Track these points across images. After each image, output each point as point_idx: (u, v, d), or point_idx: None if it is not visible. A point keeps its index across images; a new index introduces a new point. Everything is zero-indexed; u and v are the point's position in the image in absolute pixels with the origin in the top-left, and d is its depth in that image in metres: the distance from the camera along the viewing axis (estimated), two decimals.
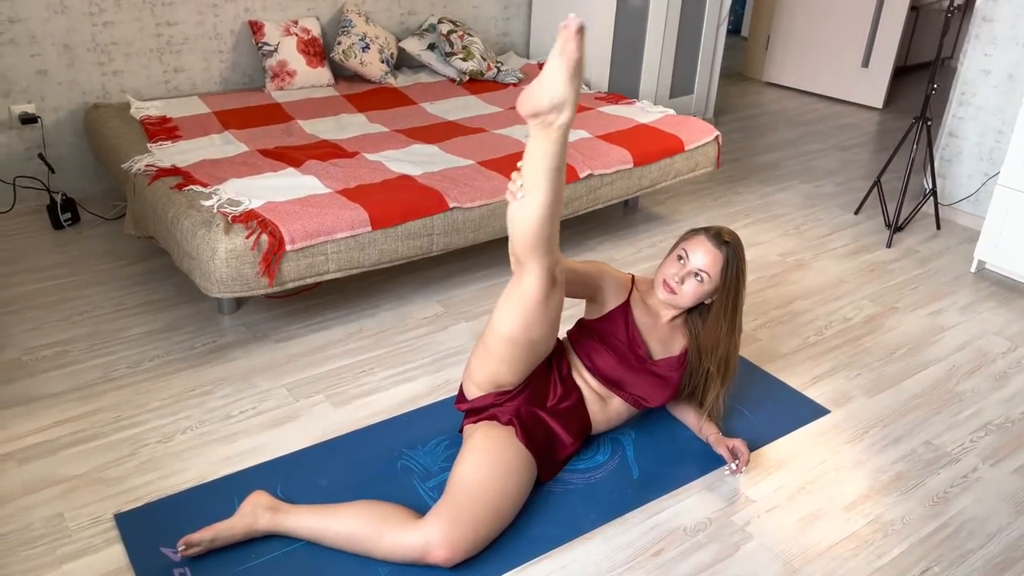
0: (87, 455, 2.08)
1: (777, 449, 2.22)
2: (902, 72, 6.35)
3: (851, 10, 5.39)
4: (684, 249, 2.04)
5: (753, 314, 2.88)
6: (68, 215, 3.22)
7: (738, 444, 2.09)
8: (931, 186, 3.62)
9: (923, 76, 6.39)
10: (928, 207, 3.78)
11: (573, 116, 1.68)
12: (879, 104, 5.48)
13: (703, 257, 2.01)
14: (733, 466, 2.07)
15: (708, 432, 2.18)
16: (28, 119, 3.21)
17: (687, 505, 2.02)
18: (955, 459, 2.22)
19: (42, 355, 2.47)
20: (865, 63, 5.45)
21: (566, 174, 2.91)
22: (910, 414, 2.39)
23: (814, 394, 2.46)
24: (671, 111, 3.55)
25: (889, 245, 3.45)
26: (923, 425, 2.35)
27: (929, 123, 3.48)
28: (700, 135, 3.36)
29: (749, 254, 3.33)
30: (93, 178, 3.48)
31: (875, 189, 3.77)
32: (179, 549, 1.76)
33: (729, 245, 2.01)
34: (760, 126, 5.04)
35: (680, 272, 2.02)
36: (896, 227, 3.50)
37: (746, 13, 7.31)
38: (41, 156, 3.28)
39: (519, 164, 1.78)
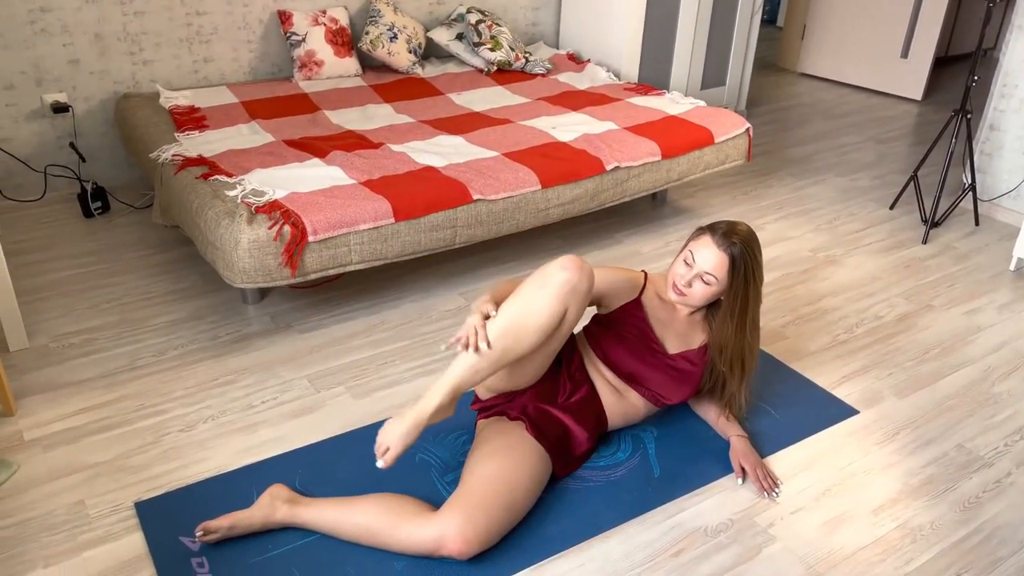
0: (111, 443, 2.10)
1: (803, 450, 2.18)
2: (943, 63, 6.19)
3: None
4: (691, 250, 1.98)
5: (781, 311, 2.82)
6: (98, 204, 3.25)
7: (749, 466, 2.05)
8: (970, 181, 3.52)
9: (964, 67, 6.22)
10: (967, 202, 3.67)
11: (428, 410, 1.79)
12: (918, 96, 5.35)
13: (709, 260, 1.94)
14: (739, 482, 2.03)
15: (729, 432, 2.14)
16: (60, 108, 3.24)
17: (709, 505, 1.98)
18: (988, 463, 2.15)
19: (70, 342, 2.50)
20: (904, 54, 5.32)
21: (593, 166, 2.89)
22: (943, 416, 2.33)
23: (843, 394, 2.41)
24: (701, 103, 3.49)
25: (925, 241, 3.37)
26: (956, 428, 2.28)
27: (969, 116, 3.38)
28: (731, 127, 3.30)
29: (779, 249, 3.26)
30: (123, 167, 3.51)
31: (912, 183, 3.67)
32: (197, 535, 1.77)
33: (737, 245, 1.93)
34: (794, 118, 4.95)
35: (687, 275, 1.97)
36: (933, 223, 3.41)
37: (782, 2, 7.18)
38: (72, 145, 3.32)
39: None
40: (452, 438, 2.14)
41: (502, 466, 1.84)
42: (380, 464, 1.76)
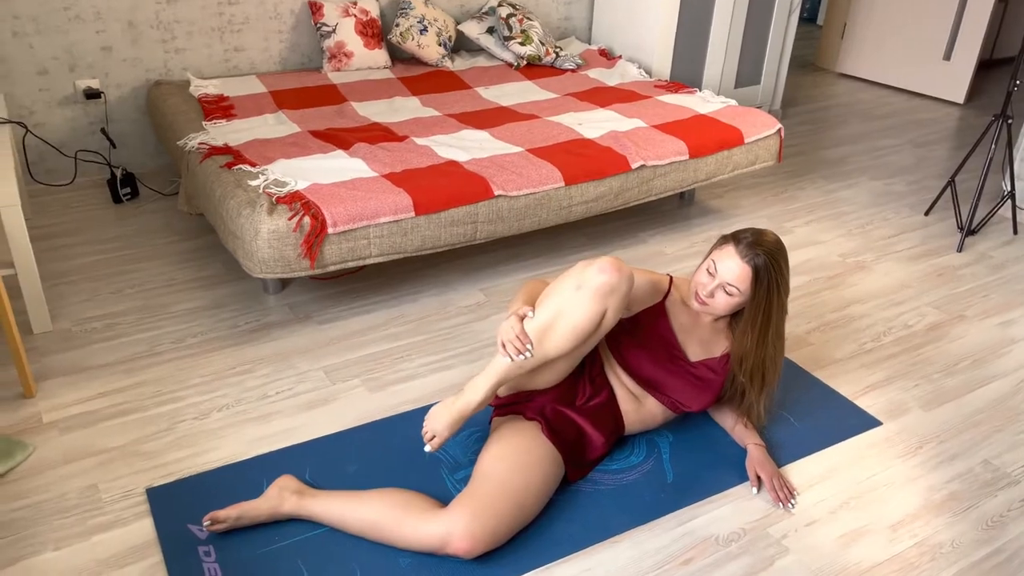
0: (126, 428, 2.12)
1: (822, 460, 2.13)
2: (987, 66, 6.03)
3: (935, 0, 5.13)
4: (713, 260, 1.93)
5: (807, 317, 2.76)
6: (127, 190, 3.29)
7: (766, 476, 2.00)
8: (1009, 188, 3.42)
9: (1010, 71, 6.05)
10: (1005, 210, 3.57)
11: (473, 402, 1.84)
12: (960, 99, 5.21)
13: (732, 270, 1.89)
14: (754, 491, 1.99)
15: (746, 439, 2.10)
16: (92, 94, 3.28)
17: (722, 513, 1.94)
18: (1015, 481, 2.08)
19: (92, 327, 2.53)
20: (947, 56, 5.18)
21: (618, 164, 2.85)
22: (970, 431, 2.26)
23: (866, 404, 2.35)
24: (732, 102, 3.43)
25: (960, 249, 3.27)
26: (983, 443, 2.21)
27: (1010, 121, 3.28)
28: (761, 127, 3.23)
29: (808, 253, 3.20)
30: (153, 154, 3.55)
31: (948, 189, 3.58)
32: (205, 524, 1.77)
33: (762, 256, 1.87)
34: (830, 119, 4.85)
35: (710, 285, 1.93)
36: (969, 230, 3.31)
37: (823, 0, 7.04)
38: (104, 131, 3.35)
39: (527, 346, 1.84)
40: (464, 435, 2.13)
41: (514, 466, 1.82)
42: (428, 449, 1.86)
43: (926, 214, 3.59)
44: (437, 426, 1.84)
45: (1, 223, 2.31)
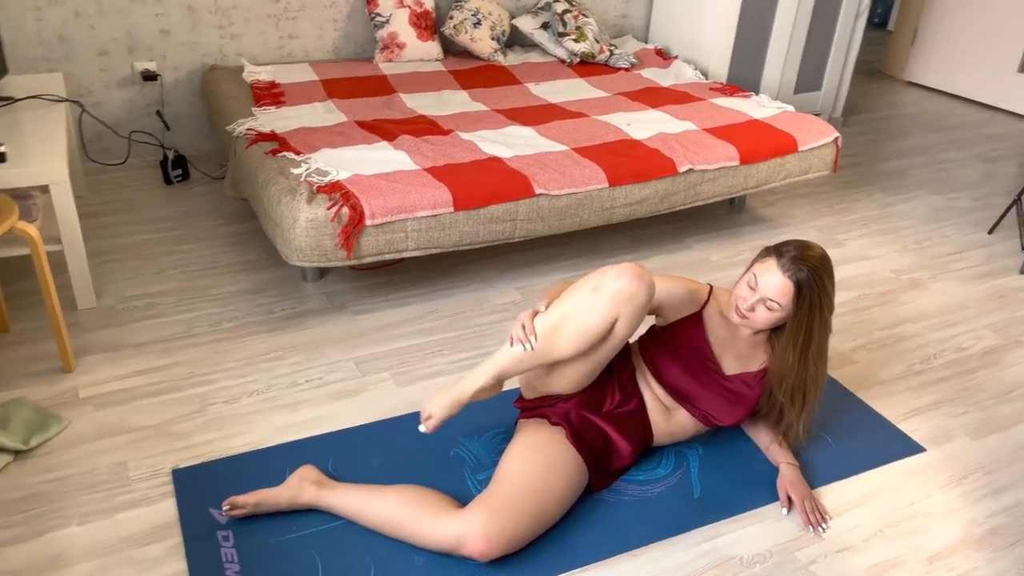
0: (159, 407, 2.15)
1: (859, 484, 2.04)
2: None
3: (1012, 8, 4.91)
4: (754, 273, 1.85)
5: (853, 333, 2.67)
6: (178, 172, 3.34)
7: (797, 497, 1.93)
8: None
9: None
10: None
11: (459, 398, 1.82)
12: None
13: (773, 285, 1.81)
14: (784, 512, 1.92)
15: (780, 458, 2.03)
16: (149, 76, 3.34)
17: (748, 533, 1.88)
18: None
19: (134, 305, 2.57)
20: (1023, 68, 4.96)
21: (665, 167, 2.79)
22: (1019, 463, 2.15)
23: (910, 428, 2.25)
24: (789, 107, 3.33)
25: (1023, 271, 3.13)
26: None
27: None
28: (817, 135, 3.13)
29: (859, 268, 3.09)
30: (206, 137, 3.60)
31: (1015, 207, 3.42)
32: (224, 509, 1.78)
33: (805, 272, 1.79)
34: (893, 129, 4.68)
35: (750, 299, 1.85)
36: None
37: (894, 5, 6.81)
38: (159, 113, 3.42)
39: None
40: (489, 435, 2.11)
41: (536, 471, 1.79)
42: (422, 428, 1.84)
43: (989, 232, 3.44)
44: (434, 408, 1.83)
45: (51, 200, 2.36)
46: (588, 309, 1.76)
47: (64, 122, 2.62)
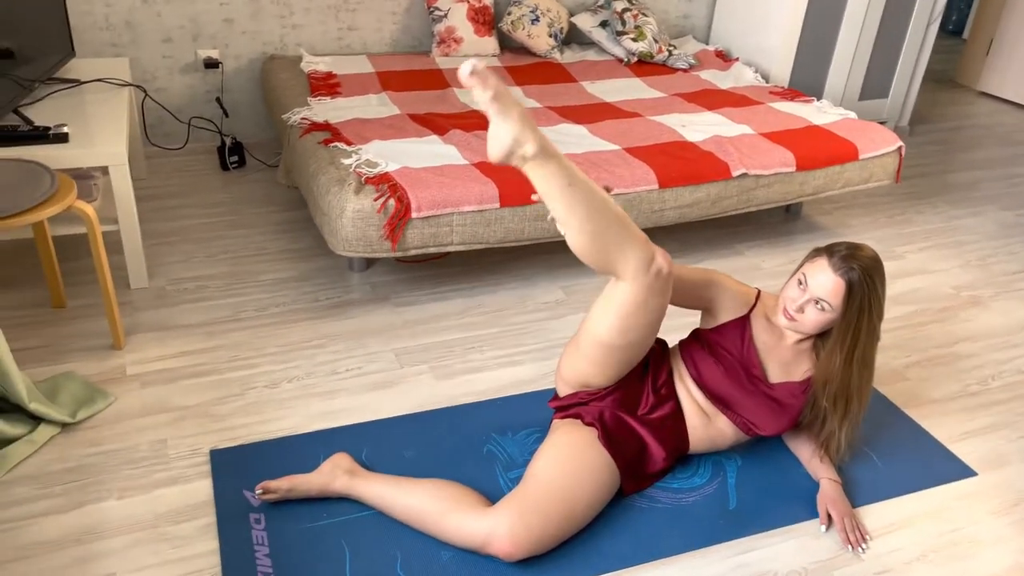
0: (201, 388, 2.19)
1: (904, 506, 1.97)
2: None
3: None
4: (804, 273, 1.82)
5: (907, 349, 2.57)
6: (235, 158, 3.40)
7: (837, 514, 1.88)
8: None
9: None
10: None
11: (538, 140, 1.59)
12: None
13: (824, 284, 1.78)
14: (823, 529, 1.86)
15: (821, 473, 1.97)
16: (211, 64, 3.41)
17: (783, 549, 1.83)
18: None
19: (184, 287, 2.62)
20: None
21: (718, 170, 2.73)
22: None
23: (962, 451, 2.16)
24: (851, 114, 3.23)
25: None
26: None
27: None
28: (879, 144, 3.03)
29: (917, 282, 2.98)
30: (264, 125, 3.66)
31: None
32: (257, 492, 1.81)
33: (855, 271, 1.75)
34: (963, 140, 4.52)
35: (799, 299, 1.81)
36: None
37: (971, 12, 6.57)
38: (218, 100, 3.48)
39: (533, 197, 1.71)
40: (524, 434, 2.09)
41: (566, 473, 1.77)
42: (466, 69, 1.50)
43: None
44: (500, 84, 1.56)
45: (110, 181, 2.42)
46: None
47: (127, 106, 2.69)
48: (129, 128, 2.70)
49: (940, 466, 2.11)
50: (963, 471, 2.09)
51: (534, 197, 1.71)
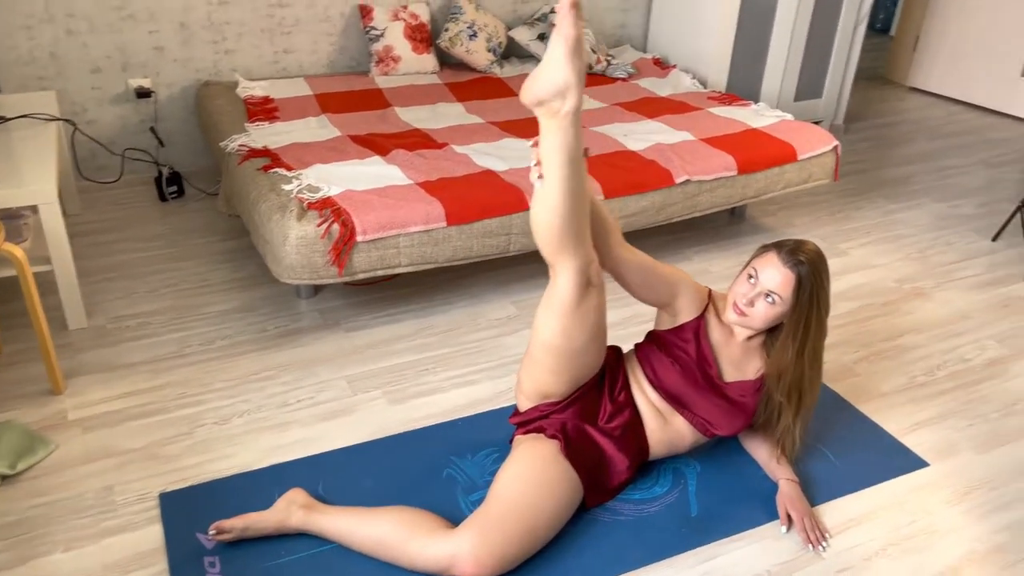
0: (147, 429, 2.12)
1: (860, 501, 2.00)
2: None
3: (1014, 12, 4.87)
4: (754, 267, 1.85)
5: (854, 345, 2.62)
6: (173, 188, 3.33)
7: (797, 515, 1.90)
8: None
9: None
10: None
11: (580, 101, 1.54)
12: None
13: (774, 277, 1.81)
14: (783, 530, 1.88)
15: (779, 474, 1.98)
16: (143, 93, 3.33)
17: (746, 553, 1.84)
18: None
19: (125, 324, 2.55)
20: None
21: (661, 178, 2.76)
22: None
23: (913, 443, 2.21)
24: (788, 116, 3.29)
25: None
26: None
27: None
28: (817, 144, 3.09)
29: (861, 277, 3.04)
30: (201, 154, 3.58)
31: (1018, 214, 3.37)
32: (210, 533, 1.75)
33: (804, 264, 1.80)
34: (896, 136, 4.64)
35: (750, 293, 1.84)
36: None
37: (897, 11, 6.77)
38: (152, 130, 3.40)
39: (535, 140, 1.65)
40: (483, 455, 2.07)
41: (528, 489, 1.75)
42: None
43: (993, 239, 3.39)
44: (559, 73, 1.52)
45: (40, 220, 2.34)
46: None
47: (55, 141, 2.61)
48: (59, 164, 2.61)
49: (893, 459, 2.14)
50: (915, 463, 2.13)
51: (532, 146, 1.66)
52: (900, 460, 2.14)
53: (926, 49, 5.38)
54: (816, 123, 4.28)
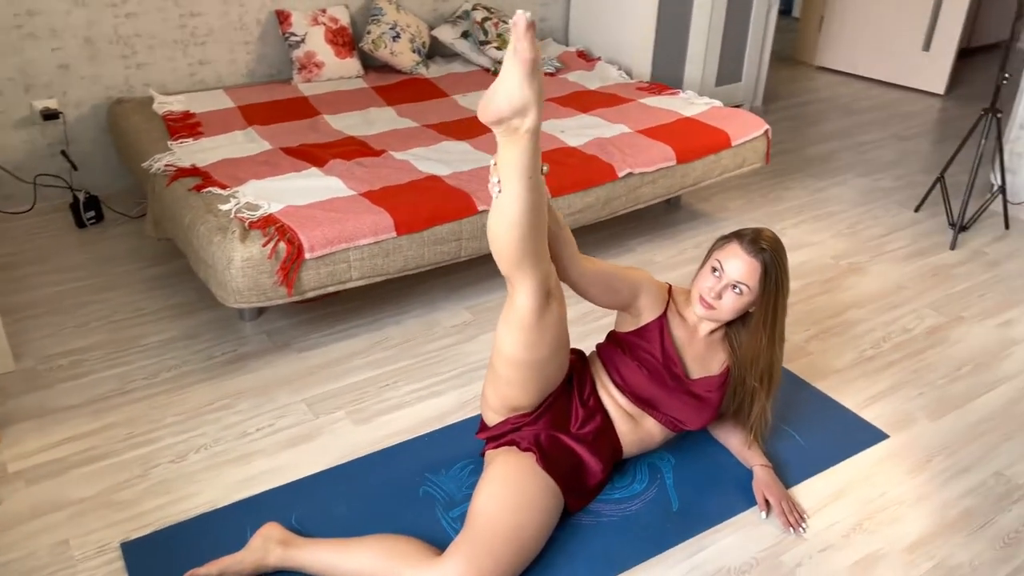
0: (97, 476, 1.99)
1: (831, 479, 2.04)
2: (965, 55, 5.99)
3: None
4: (718, 260, 1.86)
5: (804, 324, 2.68)
6: (91, 214, 3.14)
7: (774, 499, 1.93)
8: (1000, 182, 3.37)
9: (987, 59, 6.04)
10: (996, 205, 3.52)
11: (539, 119, 1.53)
12: (941, 90, 5.18)
13: (739, 267, 1.82)
14: (763, 515, 1.91)
15: (752, 460, 2.01)
16: (50, 115, 3.13)
17: (732, 542, 1.85)
18: None
19: (58, 364, 2.39)
20: (926, 46, 5.14)
21: (604, 173, 2.75)
22: (978, 440, 2.19)
23: (871, 416, 2.27)
24: (717, 103, 3.34)
25: (953, 247, 3.21)
26: (993, 453, 2.14)
27: (999, 115, 3.22)
28: (748, 129, 3.15)
29: (800, 256, 3.12)
30: (118, 175, 3.39)
31: (938, 185, 3.52)
32: None
33: (767, 251, 1.82)
34: (812, 114, 4.79)
35: (716, 286, 1.85)
36: (961, 226, 3.25)
37: None
38: (64, 153, 3.20)
39: (494, 160, 1.62)
40: (458, 468, 2.02)
41: (510, 507, 1.71)
42: (524, 20, 1.43)
43: (916, 211, 3.53)
44: (517, 93, 1.48)
45: None
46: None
47: None
48: None
49: (856, 434, 2.20)
50: (876, 435, 2.20)
51: (494, 165, 1.62)
52: (862, 434, 2.20)
53: (830, 29, 5.57)
54: (737, 106, 4.36)
